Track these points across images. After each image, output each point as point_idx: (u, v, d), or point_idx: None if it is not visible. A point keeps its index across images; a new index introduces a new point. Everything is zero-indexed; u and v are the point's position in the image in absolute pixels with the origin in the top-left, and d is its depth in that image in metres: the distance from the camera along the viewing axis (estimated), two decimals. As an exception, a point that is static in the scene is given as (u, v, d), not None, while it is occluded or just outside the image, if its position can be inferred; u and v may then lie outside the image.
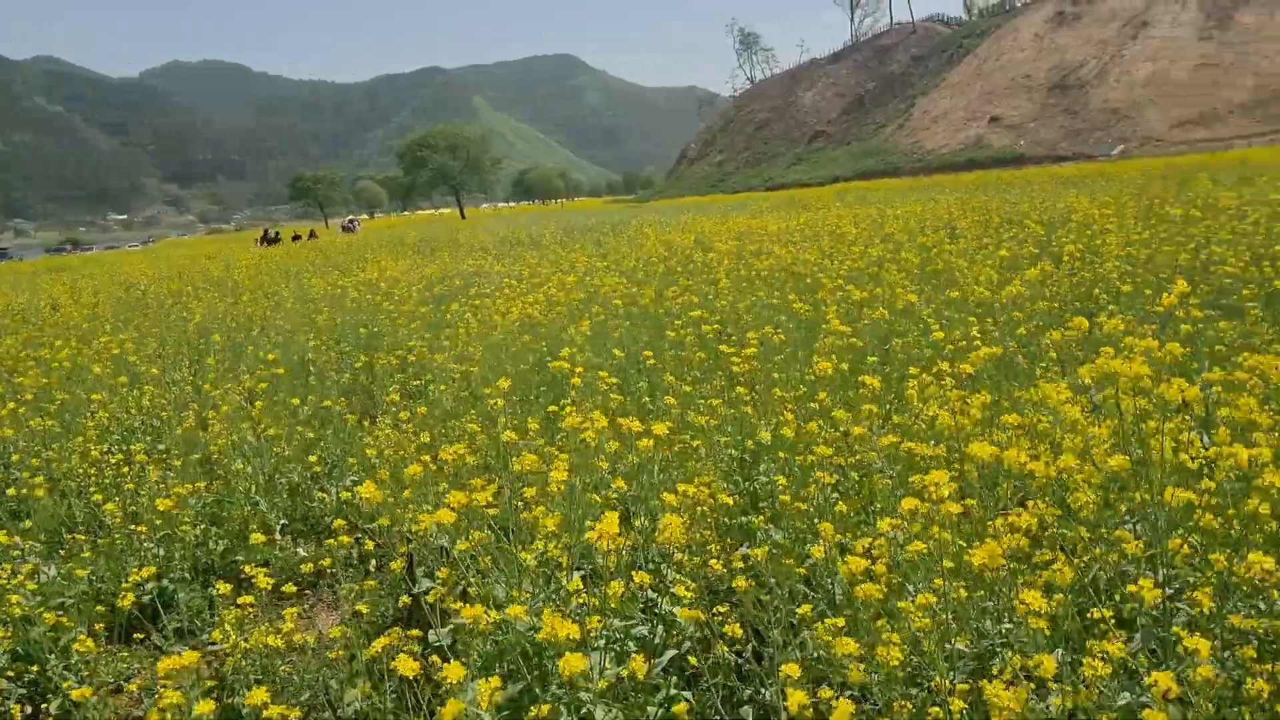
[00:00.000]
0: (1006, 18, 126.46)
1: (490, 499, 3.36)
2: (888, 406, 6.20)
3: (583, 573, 3.63)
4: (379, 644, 2.95)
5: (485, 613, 2.77)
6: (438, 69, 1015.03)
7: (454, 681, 2.28)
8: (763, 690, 3.80)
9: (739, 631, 3.57)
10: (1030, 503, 3.51)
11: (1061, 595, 2.97)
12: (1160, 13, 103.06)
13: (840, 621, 2.95)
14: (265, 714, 2.64)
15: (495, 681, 2.30)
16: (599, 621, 3.26)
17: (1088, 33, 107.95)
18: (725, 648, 3.40)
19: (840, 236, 18.45)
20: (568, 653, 2.41)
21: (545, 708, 2.52)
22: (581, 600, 3.34)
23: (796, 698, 2.32)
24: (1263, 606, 3.04)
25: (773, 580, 3.92)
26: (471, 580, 3.76)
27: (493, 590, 3.71)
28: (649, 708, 3.59)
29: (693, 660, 3.80)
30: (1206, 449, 3.49)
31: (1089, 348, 5.26)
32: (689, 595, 3.72)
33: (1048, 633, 2.55)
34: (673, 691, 3.66)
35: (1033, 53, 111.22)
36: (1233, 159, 45.90)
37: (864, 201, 37.74)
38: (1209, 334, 7.17)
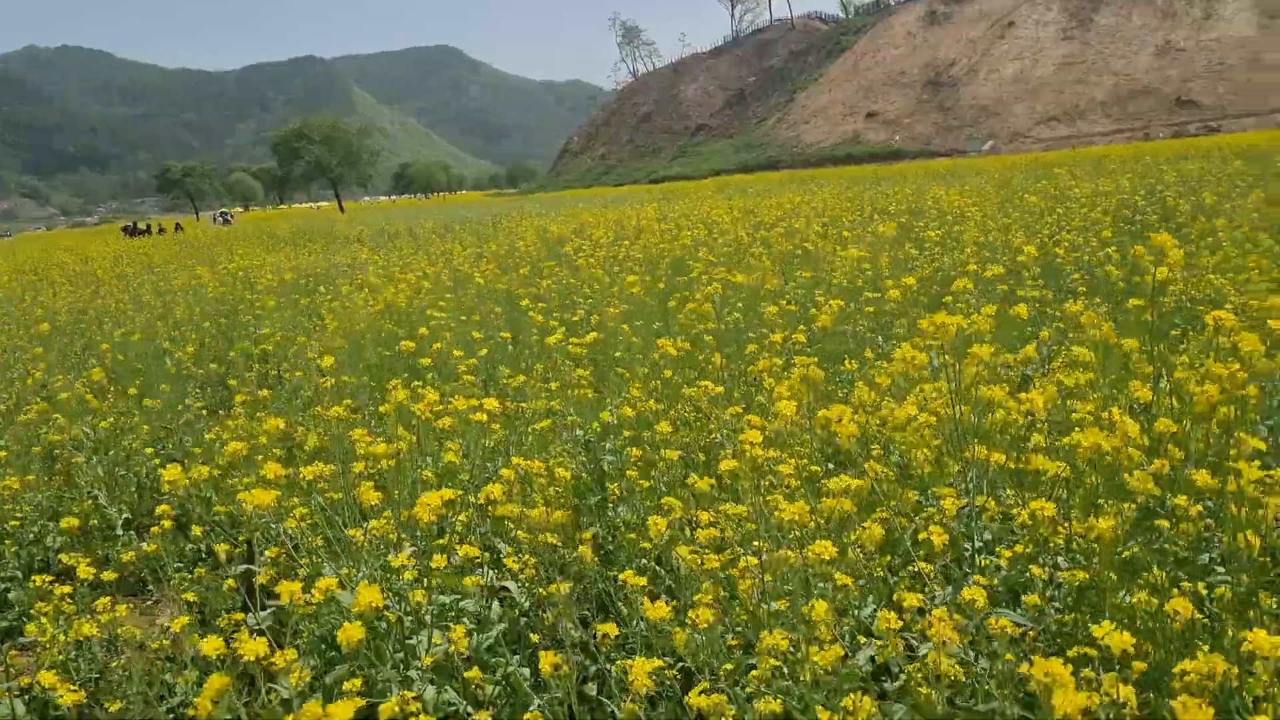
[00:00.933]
0: (881, 16, 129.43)
1: (318, 475, 3.25)
2: (737, 385, 6.28)
3: (415, 549, 3.55)
4: (178, 624, 2.82)
5: (302, 590, 2.67)
6: (314, 58, 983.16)
7: (252, 659, 2.18)
8: (608, 666, 3.79)
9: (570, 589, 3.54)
10: (868, 465, 3.59)
11: (880, 552, 3.03)
12: (1025, 14, 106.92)
13: (642, 581, 2.94)
14: (60, 700, 2.50)
15: (291, 654, 2.20)
16: (424, 595, 3.20)
17: (958, 32, 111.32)
18: (569, 620, 3.37)
19: (714, 224, 18.73)
20: (346, 623, 2.33)
21: (356, 681, 2.43)
22: (409, 576, 3.26)
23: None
24: (1081, 560, 3.18)
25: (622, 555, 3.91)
26: (300, 561, 3.64)
27: (320, 569, 3.61)
28: (488, 686, 3.54)
29: (534, 637, 3.76)
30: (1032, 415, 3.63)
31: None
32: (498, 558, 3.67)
33: (854, 586, 2.59)
34: (510, 669, 3.62)
35: (907, 50, 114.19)
36: (1093, 154, 47.89)
37: (743, 194, 38.24)
38: (1049, 312, 7.48)
